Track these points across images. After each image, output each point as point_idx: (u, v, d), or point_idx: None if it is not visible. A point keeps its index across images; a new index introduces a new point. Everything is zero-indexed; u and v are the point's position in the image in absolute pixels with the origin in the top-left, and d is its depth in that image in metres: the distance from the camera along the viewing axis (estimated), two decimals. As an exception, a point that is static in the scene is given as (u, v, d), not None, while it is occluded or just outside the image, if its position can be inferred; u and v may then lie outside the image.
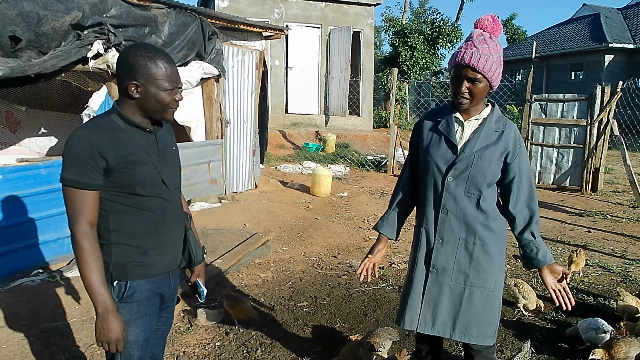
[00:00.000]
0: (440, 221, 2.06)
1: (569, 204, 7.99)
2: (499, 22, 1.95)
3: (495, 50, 1.91)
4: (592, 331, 3.18)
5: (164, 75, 1.65)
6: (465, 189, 2.02)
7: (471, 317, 2.07)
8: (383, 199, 8.24)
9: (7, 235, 3.97)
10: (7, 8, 3.85)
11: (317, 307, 3.90)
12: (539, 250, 2.05)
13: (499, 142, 2.00)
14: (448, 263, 2.07)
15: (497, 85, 1.98)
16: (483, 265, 2.05)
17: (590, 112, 8.62)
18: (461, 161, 2.00)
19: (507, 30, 30.52)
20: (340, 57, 13.47)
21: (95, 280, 1.58)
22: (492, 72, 1.91)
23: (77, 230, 1.58)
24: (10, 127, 6.16)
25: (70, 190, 1.59)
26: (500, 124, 2.03)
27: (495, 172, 2.01)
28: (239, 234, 5.41)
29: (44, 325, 3.27)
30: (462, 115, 2.05)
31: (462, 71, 1.91)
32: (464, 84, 1.92)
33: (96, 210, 1.63)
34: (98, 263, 1.60)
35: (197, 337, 3.34)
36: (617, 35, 20.49)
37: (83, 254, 1.58)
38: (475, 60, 1.87)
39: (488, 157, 1.99)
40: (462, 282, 2.07)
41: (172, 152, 1.85)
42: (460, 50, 1.93)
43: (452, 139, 2.04)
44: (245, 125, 7.66)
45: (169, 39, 5.51)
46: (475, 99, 1.96)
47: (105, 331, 1.60)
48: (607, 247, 5.66)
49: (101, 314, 1.59)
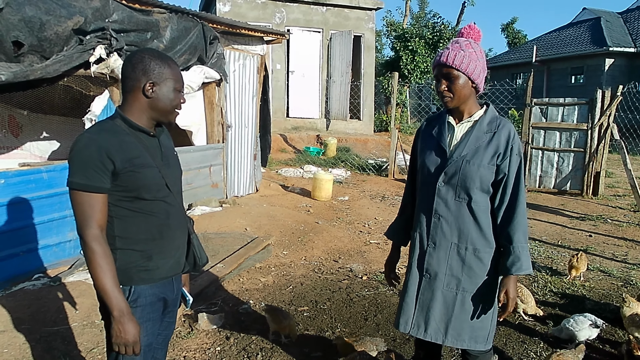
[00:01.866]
0: (432, 226, 2.07)
1: (569, 208, 7.99)
2: (475, 27, 2.02)
3: (468, 46, 1.96)
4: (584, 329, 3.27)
5: (176, 76, 1.74)
6: (455, 193, 2.01)
7: (463, 323, 2.07)
8: (384, 203, 8.25)
9: (9, 239, 3.98)
10: (10, 13, 3.87)
11: (317, 311, 3.91)
12: (508, 257, 1.99)
13: (490, 145, 1.98)
14: (440, 268, 2.07)
15: (479, 80, 1.99)
16: (475, 270, 2.05)
17: (590, 116, 8.63)
18: (450, 165, 2.01)
19: (507, 34, 30.57)
20: (341, 61, 13.51)
21: (109, 283, 1.58)
22: (465, 65, 1.93)
23: (87, 235, 1.58)
24: (12, 131, 6.18)
25: (79, 194, 1.59)
26: (493, 125, 2.01)
27: (485, 176, 1.97)
28: (240, 238, 5.42)
29: (45, 329, 3.28)
30: (454, 119, 2.07)
31: (439, 71, 1.99)
32: (442, 82, 1.99)
33: (105, 214, 1.63)
34: (111, 266, 1.60)
35: (197, 341, 3.35)
36: (618, 39, 20.52)
37: (95, 258, 1.57)
38: (445, 57, 1.95)
39: (477, 161, 1.97)
40: (454, 287, 2.07)
41: (173, 156, 1.87)
42: (436, 55, 2.03)
43: (442, 144, 2.05)
44: (246, 129, 7.68)
45: (171, 43, 5.53)
46: (457, 96, 1.98)
47: (122, 334, 1.59)
48: (608, 252, 5.66)
49: (117, 317, 1.59)
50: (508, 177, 1.98)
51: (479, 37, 2.02)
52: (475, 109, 2.06)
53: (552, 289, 4.41)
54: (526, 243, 2.00)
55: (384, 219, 7.04)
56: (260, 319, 3.70)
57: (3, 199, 3.94)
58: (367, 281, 4.57)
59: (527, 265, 1.97)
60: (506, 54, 26.78)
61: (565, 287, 4.47)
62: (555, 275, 4.76)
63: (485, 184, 2.00)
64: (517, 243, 1.98)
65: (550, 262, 5.20)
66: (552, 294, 4.29)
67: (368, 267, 4.95)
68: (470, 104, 2.04)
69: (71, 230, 4.53)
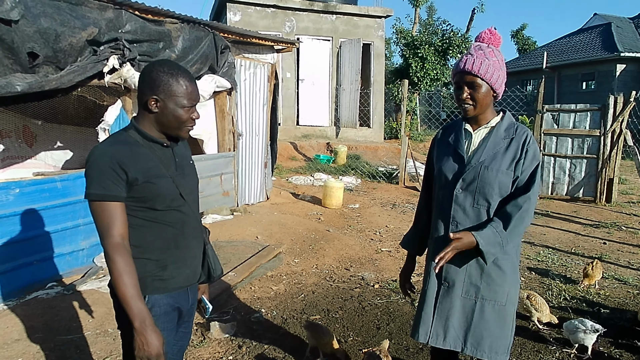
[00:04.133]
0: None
1: (582, 215, 7.91)
2: (496, 33, 1.99)
3: (492, 54, 1.95)
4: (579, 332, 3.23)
5: (184, 93, 1.68)
6: (474, 200, 1.99)
7: (483, 331, 2.03)
8: (395, 210, 8.23)
9: (23, 248, 4.02)
10: (25, 25, 3.93)
11: (329, 320, 3.89)
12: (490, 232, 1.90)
13: (508, 150, 1.97)
14: (459, 276, 2.05)
15: (500, 90, 1.98)
16: (494, 278, 2.02)
17: (603, 122, 8.56)
18: (468, 172, 1.99)
19: (517, 40, 30.48)
20: (351, 69, 13.54)
21: (130, 293, 1.56)
22: (490, 74, 1.92)
23: (108, 244, 1.58)
24: (27, 141, 6.26)
25: (97, 204, 1.60)
26: (511, 131, 2.00)
27: (504, 181, 1.96)
28: (251, 246, 5.43)
29: (59, 338, 3.30)
30: (471, 126, 2.06)
31: (461, 78, 1.96)
32: (465, 90, 1.96)
33: (125, 222, 1.63)
34: (132, 275, 1.58)
35: (210, 350, 3.35)
36: (629, 44, 20.36)
37: (116, 268, 1.57)
38: (470, 65, 1.92)
39: (495, 167, 1.96)
40: (473, 295, 2.03)
41: (189, 165, 1.87)
42: (459, 61, 1.99)
43: (459, 150, 2.04)
44: (257, 137, 7.71)
45: (183, 53, 5.59)
46: (479, 105, 1.97)
47: (144, 346, 1.55)
48: (623, 259, 5.59)
49: (139, 328, 1.55)
50: (522, 176, 1.96)
51: (499, 43, 2.00)
52: (492, 115, 2.05)
53: (566, 297, 4.36)
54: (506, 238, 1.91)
55: (395, 227, 7.02)
56: (272, 327, 3.70)
57: (18, 208, 3.98)
58: (379, 289, 4.55)
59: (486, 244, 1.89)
60: (516, 60, 26.66)
61: (580, 295, 4.41)
62: (570, 283, 4.71)
63: (504, 190, 1.97)
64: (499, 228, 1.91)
65: (564, 270, 5.14)
66: (567, 302, 4.24)
67: (380, 275, 4.92)
68: (488, 111, 2.03)
69: (84, 239, 4.56)
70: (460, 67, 1.96)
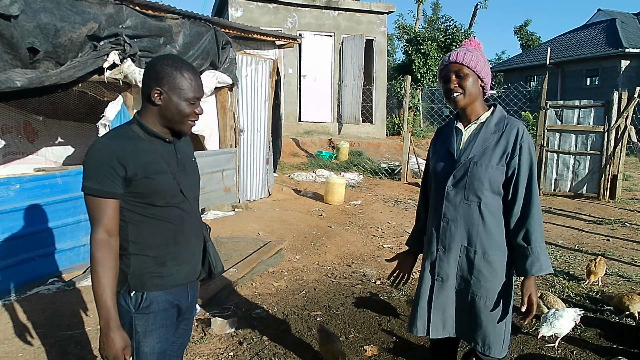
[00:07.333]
0: (441, 230, 2.08)
1: (586, 212, 7.86)
2: (475, 40, 2.10)
3: (475, 51, 2.02)
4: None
5: (188, 86, 1.68)
6: (464, 196, 2.01)
7: (475, 325, 2.06)
8: (397, 207, 8.20)
9: (24, 243, 4.02)
10: (25, 20, 3.92)
11: (331, 316, 3.88)
12: (527, 258, 1.96)
13: (498, 145, 1.98)
14: (451, 271, 2.08)
15: (487, 80, 2.03)
16: (485, 274, 2.02)
17: (607, 119, 8.50)
18: (458, 169, 2.02)
19: (521, 36, 30.34)
20: (353, 65, 13.50)
21: (102, 292, 1.56)
22: (475, 63, 1.98)
23: (92, 239, 1.59)
24: (27, 136, 6.25)
25: (91, 198, 1.60)
26: (501, 125, 2.01)
27: (494, 176, 1.96)
28: (253, 242, 5.41)
29: (60, 333, 3.29)
30: (462, 123, 2.10)
31: (448, 70, 2.02)
32: (452, 80, 2.00)
33: (116, 219, 1.62)
34: (108, 274, 1.58)
35: (210, 346, 3.34)
36: (634, 40, 20.20)
37: (94, 264, 1.57)
38: (454, 56, 1.99)
39: (485, 162, 1.97)
40: (466, 289, 2.07)
41: (191, 162, 1.86)
42: (443, 59, 2.09)
43: (450, 148, 2.08)
44: (258, 133, 7.69)
45: (184, 48, 5.57)
46: (468, 93, 1.99)
47: (104, 345, 1.57)
48: (627, 256, 5.55)
49: (103, 328, 1.57)
50: (519, 176, 1.96)
51: (480, 47, 2.09)
52: (483, 110, 2.07)
53: (569, 293, 4.33)
54: (543, 242, 1.97)
55: (397, 223, 6.99)
56: (273, 323, 3.69)
57: (19, 204, 3.97)
58: (380, 286, 4.53)
59: (547, 264, 1.96)
60: (519, 56, 26.52)
61: (584, 292, 4.39)
62: (573, 280, 4.68)
63: (494, 185, 1.98)
64: (535, 243, 1.95)
65: (567, 267, 5.11)
66: (570, 299, 4.21)
67: (381, 272, 4.90)
68: (477, 105, 2.06)
69: (85, 235, 4.55)
70: (446, 61, 2.04)
